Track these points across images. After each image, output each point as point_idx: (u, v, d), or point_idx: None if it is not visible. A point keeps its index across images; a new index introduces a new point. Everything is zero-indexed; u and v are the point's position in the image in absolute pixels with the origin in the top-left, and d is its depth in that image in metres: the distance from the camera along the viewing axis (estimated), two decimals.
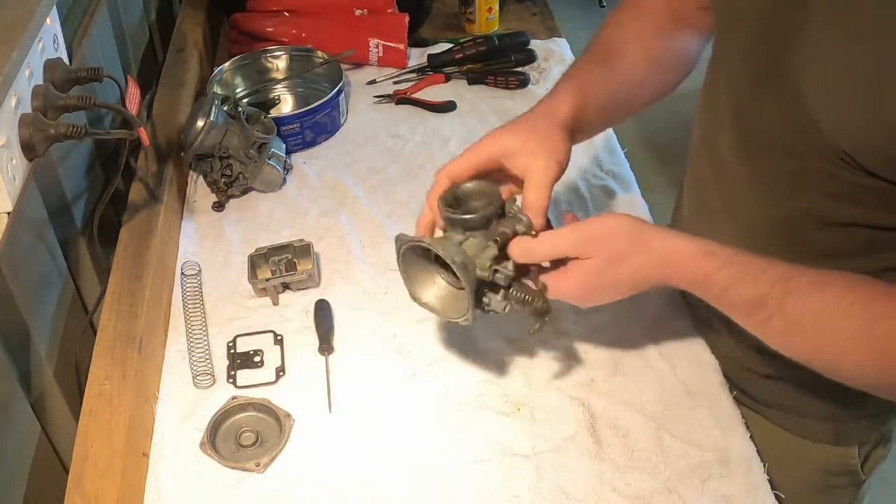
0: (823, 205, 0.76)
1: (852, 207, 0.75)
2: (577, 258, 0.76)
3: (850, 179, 0.72)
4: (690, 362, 0.97)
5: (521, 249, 0.77)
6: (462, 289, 0.76)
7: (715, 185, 0.90)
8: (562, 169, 0.82)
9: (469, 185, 0.81)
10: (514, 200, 0.80)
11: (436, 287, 0.82)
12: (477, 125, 1.39)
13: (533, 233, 0.77)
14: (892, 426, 0.98)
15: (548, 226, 0.81)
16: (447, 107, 1.43)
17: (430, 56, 1.54)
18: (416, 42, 1.61)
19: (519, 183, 0.83)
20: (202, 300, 1.06)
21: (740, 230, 0.86)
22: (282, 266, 1.09)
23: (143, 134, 0.93)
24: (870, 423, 0.95)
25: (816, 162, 0.73)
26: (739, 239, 0.86)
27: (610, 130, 1.33)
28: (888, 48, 0.63)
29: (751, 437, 0.89)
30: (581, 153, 1.27)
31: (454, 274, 0.75)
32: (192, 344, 1.00)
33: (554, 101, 0.86)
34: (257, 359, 0.99)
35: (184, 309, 1.05)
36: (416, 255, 0.80)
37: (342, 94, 1.38)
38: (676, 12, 0.94)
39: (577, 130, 0.86)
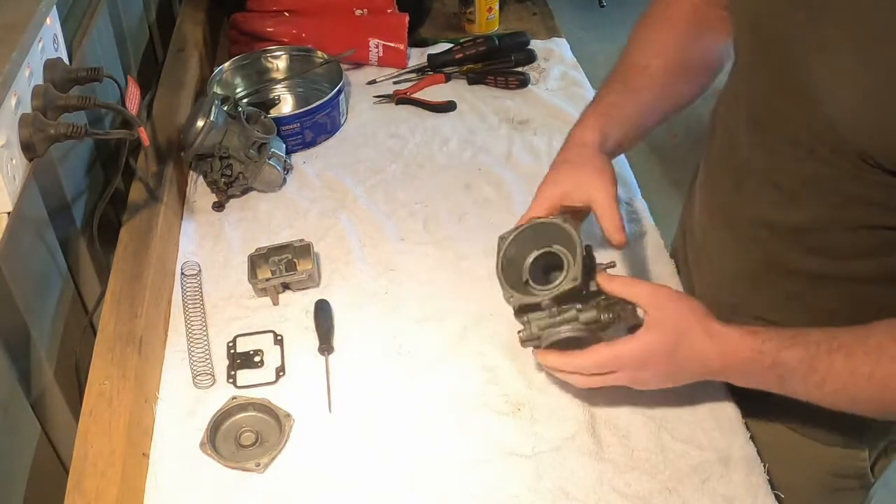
0: (843, 206, 0.76)
1: (871, 209, 0.74)
2: (643, 328, 0.80)
3: (871, 180, 0.71)
4: None
5: (602, 280, 0.84)
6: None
7: (734, 188, 0.89)
8: (615, 182, 0.88)
9: (543, 221, 0.87)
10: (604, 268, 0.85)
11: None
12: (477, 125, 1.39)
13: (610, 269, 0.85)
14: None
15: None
16: (447, 107, 1.43)
17: (430, 56, 1.53)
18: (416, 42, 1.61)
19: (580, 214, 0.91)
20: (202, 300, 1.06)
21: (760, 232, 0.86)
22: (282, 266, 1.08)
23: (143, 134, 0.93)
24: (880, 428, 0.95)
25: (836, 163, 0.73)
26: (759, 241, 0.86)
27: None
28: None
29: (752, 437, 0.89)
30: None
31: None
32: (192, 344, 1.00)
33: (581, 131, 0.93)
34: (257, 359, 0.99)
35: (184, 309, 1.05)
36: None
37: (342, 94, 1.38)
38: (704, 17, 0.95)
39: (612, 146, 0.92)
